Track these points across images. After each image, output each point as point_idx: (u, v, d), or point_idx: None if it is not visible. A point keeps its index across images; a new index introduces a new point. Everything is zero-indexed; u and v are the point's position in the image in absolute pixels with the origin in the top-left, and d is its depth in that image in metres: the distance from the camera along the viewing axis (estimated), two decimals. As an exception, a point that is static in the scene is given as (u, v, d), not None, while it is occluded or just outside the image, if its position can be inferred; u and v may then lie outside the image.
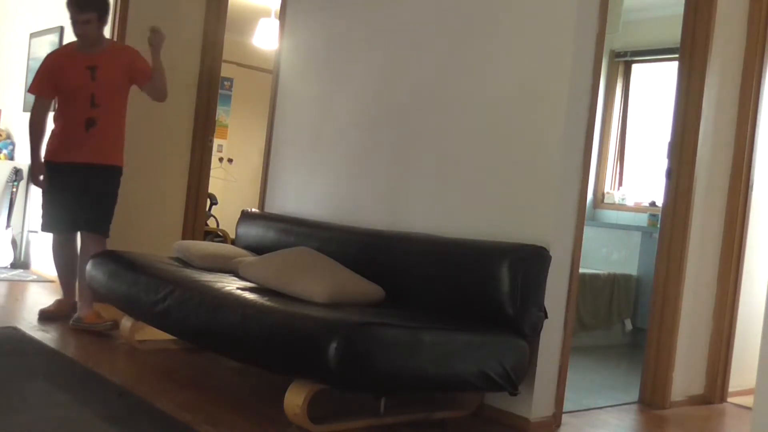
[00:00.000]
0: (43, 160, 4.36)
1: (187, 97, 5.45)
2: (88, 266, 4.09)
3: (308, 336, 2.71)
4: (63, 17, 5.95)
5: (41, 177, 4.37)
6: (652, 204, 5.94)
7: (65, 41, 5.88)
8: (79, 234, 4.41)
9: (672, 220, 3.83)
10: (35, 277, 5.80)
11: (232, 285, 3.38)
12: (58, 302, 4.49)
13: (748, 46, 3.97)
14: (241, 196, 7.94)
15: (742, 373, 4.07)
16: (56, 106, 4.41)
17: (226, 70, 6.56)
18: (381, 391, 2.90)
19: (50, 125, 4.43)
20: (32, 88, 4.38)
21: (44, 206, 4.39)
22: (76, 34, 4.29)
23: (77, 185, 4.25)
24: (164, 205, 5.41)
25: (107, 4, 4.29)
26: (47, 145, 4.38)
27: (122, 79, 4.31)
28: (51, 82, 4.30)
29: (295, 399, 2.77)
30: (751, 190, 4.03)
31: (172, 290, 3.36)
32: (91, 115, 4.22)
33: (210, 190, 6.11)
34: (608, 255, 5.81)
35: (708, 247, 3.94)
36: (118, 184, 4.36)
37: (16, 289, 5.32)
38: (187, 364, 3.74)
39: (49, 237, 5.88)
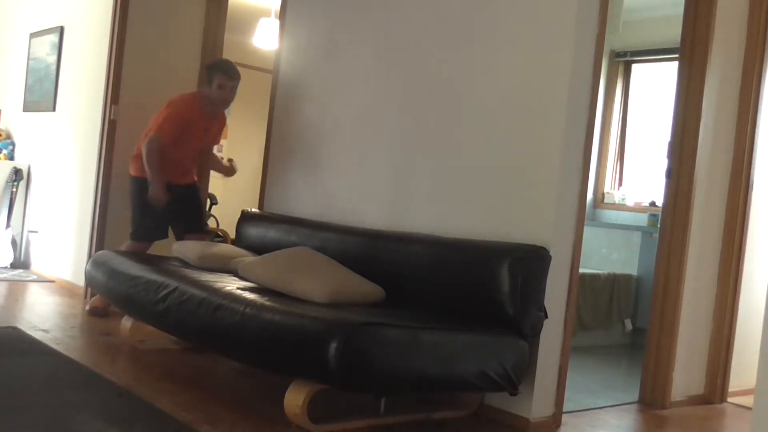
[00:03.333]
0: (133, 174, 4.61)
1: (187, 97, 5.45)
2: (88, 266, 4.10)
3: (308, 336, 2.71)
4: (63, 17, 5.96)
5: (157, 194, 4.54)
6: (652, 204, 5.93)
7: (65, 41, 5.89)
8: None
9: (672, 220, 3.83)
10: (35, 277, 5.80)
11: (232, 285, 3.38)
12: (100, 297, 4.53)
13: (748, 46, 3.97)
14: (241, 196, 7.93)
15: (742, 373, 4.07)
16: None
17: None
18: (381, 391, 2.89)
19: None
20: (163, 134, 4.44)
21: (142, 217, 4.60)
22: (221, 97, 4.51)
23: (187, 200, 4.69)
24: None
25: None
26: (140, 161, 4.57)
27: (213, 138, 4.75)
28: (183, 129, 4.49)
29: (295, 399, 2.77)
30: (751, 190, 4.02)
31: (172, 290, 3.35)
32: (197, 162, 4.80)
33: (210, 190, 6.11)
34: (608, 255, 5.81)
35: (708, 247, 3.94)
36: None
37: (16, 289, 5.32)
38: (187, 364, 3.74)
39: (48, 237, 5.89)
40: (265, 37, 6.44)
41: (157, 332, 3.64)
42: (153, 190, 4.41)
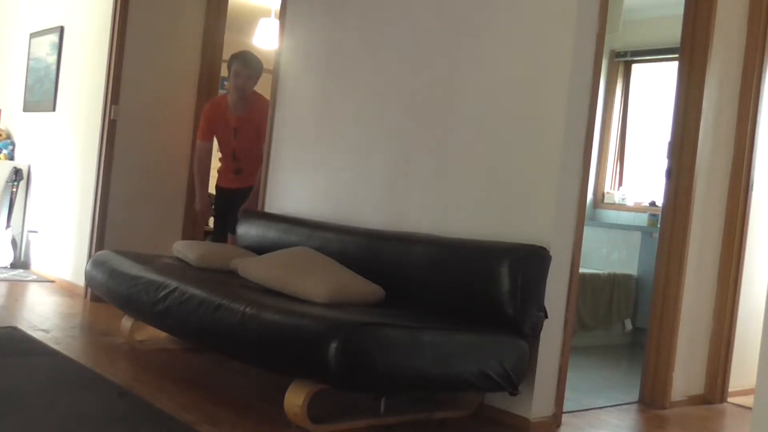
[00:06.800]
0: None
1: (187, 97, 5.46)
2: (88, 266, 4.10)
3: (308, 336, 2.71)
4: (63, 17, 5.97)
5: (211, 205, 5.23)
6: (652, 204, 5.93)
7: (65, 41, 5.89)
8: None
9: (672, 220, 3.83)
10: (35, 277, 5.80)
11: (232, 285, 3.38)
12: None
13: (748, 46, 3.97)
14: (241, 196, 7.92)
15: (742, 373, 4.07)
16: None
17: (226, 70, 6.54)
18: (381, 391, 2.89)
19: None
20: (198, 135, 5.08)
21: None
22: (236, 85, 4.84)
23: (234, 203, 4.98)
24: (164, 205, 5.42)
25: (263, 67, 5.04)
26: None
27: (257, 134, 4.87)
28: (209, 129, 4.99)
29: (295, 399, 2.78)
30: (751, 190, 4.02)
31: (172, 290, 3.35)
32: (237, 166, 5.01)
33: (210, 190, 6.11)
34: (608, 255, 5.81)
35: (708, 247, 3.94)
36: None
37: (16, 289, 5.32)
38: (187, 364, 3.74)
39: (48, 237, 5.89)
40: (265, 37, 6.44)
41: (157, 332, 3.64)
42: (196, 200, 5.03)
